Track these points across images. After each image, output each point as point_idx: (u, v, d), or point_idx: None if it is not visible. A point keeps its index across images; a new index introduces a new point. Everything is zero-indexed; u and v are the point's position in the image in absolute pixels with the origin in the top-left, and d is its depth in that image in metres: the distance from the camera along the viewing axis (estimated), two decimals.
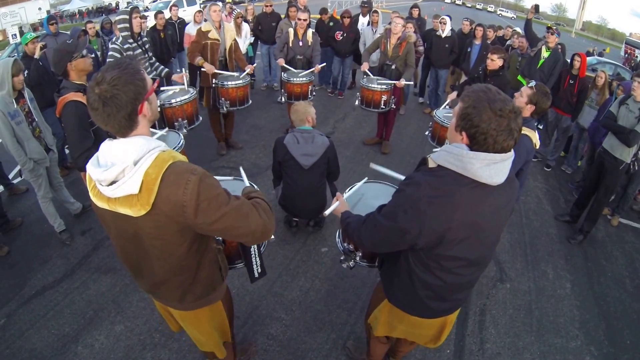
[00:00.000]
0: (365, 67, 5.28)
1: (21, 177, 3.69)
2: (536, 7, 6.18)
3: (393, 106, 5.31)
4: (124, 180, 1.25)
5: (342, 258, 2.40)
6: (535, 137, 2.85)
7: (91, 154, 2.51)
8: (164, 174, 1.27)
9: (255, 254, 1.96)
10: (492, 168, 1.36)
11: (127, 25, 3.86)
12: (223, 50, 4.84)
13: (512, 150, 1.40)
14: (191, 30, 6.79)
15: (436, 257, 1.54)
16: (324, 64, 5.74)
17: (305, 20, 5.49)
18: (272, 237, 2.65)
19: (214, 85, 4.78)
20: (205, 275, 1.67)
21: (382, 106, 5.14)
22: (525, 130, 2.78)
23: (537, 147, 2.91)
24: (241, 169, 2.49)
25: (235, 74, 4.92)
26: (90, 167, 1.31)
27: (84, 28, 6.07)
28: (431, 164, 1.49)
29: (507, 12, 60.43)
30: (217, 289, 1.80)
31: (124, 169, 1.25)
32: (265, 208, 1.56)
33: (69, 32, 6.11)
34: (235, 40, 4.97)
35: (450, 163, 1.40)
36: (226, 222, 1.38)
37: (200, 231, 1.42)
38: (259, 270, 2.03)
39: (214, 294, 1.79)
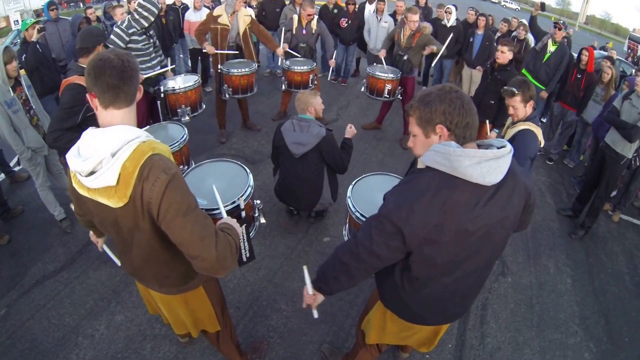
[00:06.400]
0: (382, 53, 5.33)
1: (19, 165, 3.66)
2: (542, 5, 6.17)
3: (399, 97, 5.28)
4: (101, 172, 1.27)
5: None
6: (540, 134, 2.82)
7: (65, 135, 2.49)
8: (140, 167, 1.28)
9: (244, 239, 1.93)
10: (484, 166, 1.25)
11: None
12: (234, 36, 4.79)
13: (510, 146, 1.34)
14: (191, 16, 6.68)
15: (422, 264, 1.47)
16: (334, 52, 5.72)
17: (310, 15, 5.40)
18: (264, 220, 2.67)
19: (219, 70, 4.75)
20: (180, 266, 1.67)
21: (385, 95, 5.14)
22: (532, 127, 2.76)
23: (542, 145, 2.87)
24: (215, 188, 2.03)
25: (238, 57, 4.90)
26: (70, 156, 1.32)
27: (85, 15, 5.97)
28: (420, 166, 1.42)
29: (512, 3, 59.30)
30: (195, 277, 1.80)
31: (102, 161, 1.26)
32: (232, 245, 1.50)
33: (70, 19, 6.00)
34: (250, 25, 4.88)
35: (438, 163, 1.31)
36: (178, 234, 1.36)
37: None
38: (247, 254, 2.00)
39: (192, 282, 1.81)
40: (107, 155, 1.26)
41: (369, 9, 7.48)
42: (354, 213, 2.54)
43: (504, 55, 3.99)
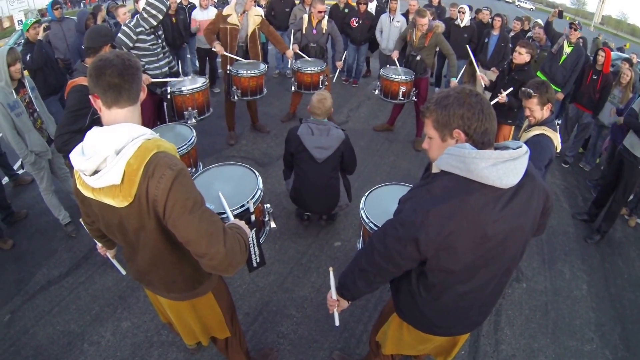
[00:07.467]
0: (395, 54, 5.26)
1: (23, 168, 3.61)
2: (560, 13, 6.25)
3: (414, 99, 5.23)
4: (105, 171, 1.24)
5: None
6: (557, 139, 2.76)
7: (73, 138, 2.46)
8: (145, 164, 1.25)
9: (254, 244, 1.88)
10: (500, 168, 1.22)
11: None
12: (244, 36, 4.71)
13: (526, 147, 1.30)
14: (197, 15, 6.65)
15: (439, 272, 1.42)
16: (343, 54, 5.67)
17: (321, 12, 5.31)
18: (274, 225, 2.63)
19: (228, 72, 4.67)
20: (188, 269, 1.63)
21: (400, 97, 5.10)
22: (548, 131, 2.71)
23: (558, 150, 2.81)
24: (220, 194, 2.18)
25: (245, 61, 4.79)
26: (73, 156, 1.30)
27: (92, 11, 5.92)
28: (434, 170, 1.38)
29: (526, 2, 58.61)
30: (204, 282, 1.76)
31: (106, 159, 1.24)
32: (240, 241, 1.46)
33: (74, 18, 5.96)
34: (260, 25, 4.79)
35: (453, 166, 1.27)
36: (185, 232, 1.32)
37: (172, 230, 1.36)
38: (258, 260, 1.97)
39: (201, 288, 1.76)
40: (111, 153, 1.24)
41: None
42: (368, 224, 2.50)
43: (521, 56, 3.99)
